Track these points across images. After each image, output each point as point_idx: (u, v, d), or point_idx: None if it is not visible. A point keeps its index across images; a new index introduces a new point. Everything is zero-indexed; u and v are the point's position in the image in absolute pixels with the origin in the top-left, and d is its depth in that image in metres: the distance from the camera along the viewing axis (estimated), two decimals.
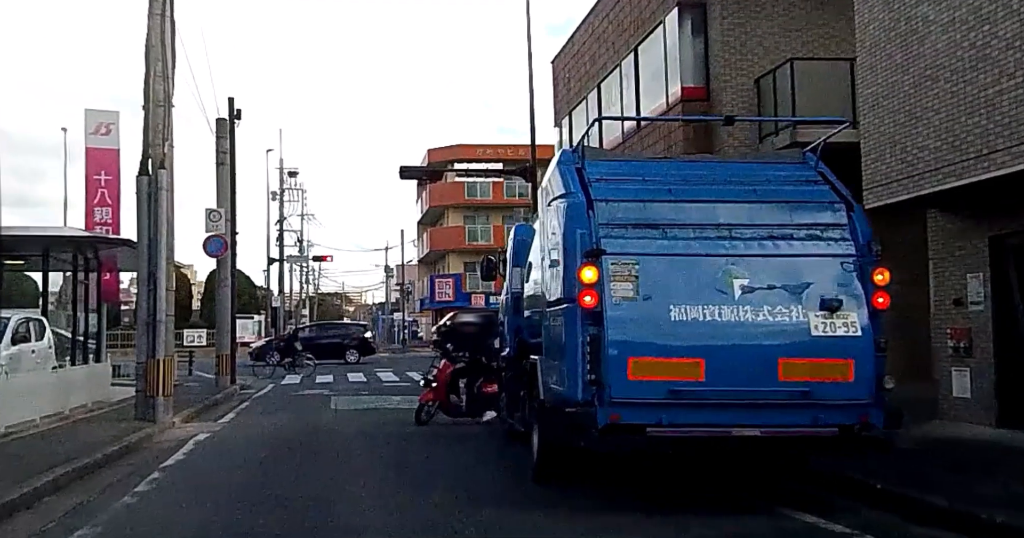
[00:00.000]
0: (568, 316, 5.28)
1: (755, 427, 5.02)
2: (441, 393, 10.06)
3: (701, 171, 5.92)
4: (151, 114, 10.80)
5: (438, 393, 10.07)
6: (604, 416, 5.00)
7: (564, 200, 5.54)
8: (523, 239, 8.30)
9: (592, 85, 18.33)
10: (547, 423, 5.83)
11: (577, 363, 5.12)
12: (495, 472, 7.12)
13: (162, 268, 10.63)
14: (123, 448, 8.15)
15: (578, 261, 5.21)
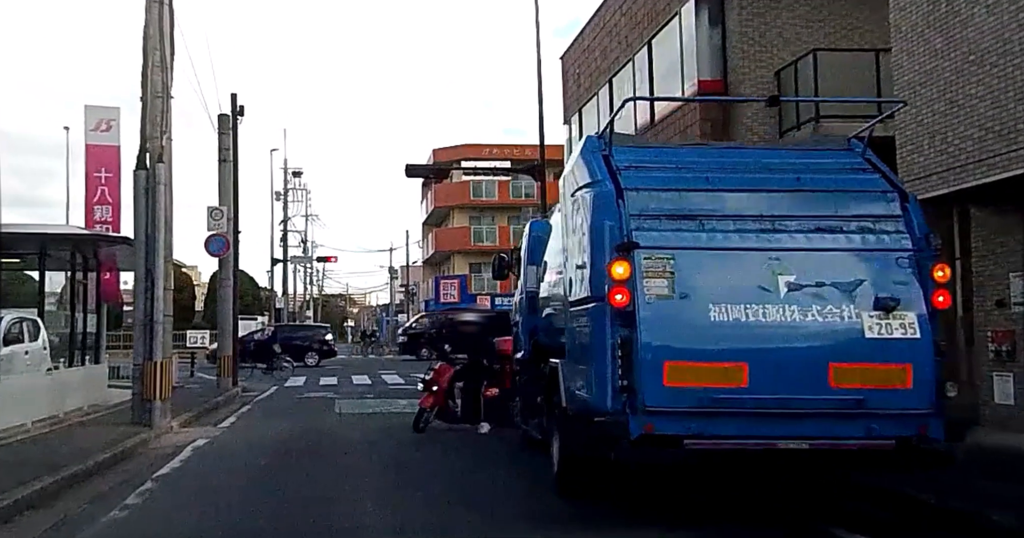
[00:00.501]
0: (595, 316, 4.82)
1: (803, 439, 4.56)
2: (442, 397, 9.47)
3: (739, 158, 5.44)
4: (149, 105, 10.38)
5: (439, 398, 9.45)
6: (637, 426, 4.55)
7: (590, 189, 5.08)
8: (539, 235, 7.85)
9: (603, 80, 17.87)
10: (570, 432, 5.37)
11: (606, 368, 4.66)
12: (511, 483, 6.65)
13: (160, 266, 10.20)
14: (116, 455, 7.71)
15: (607, 256, 4.75)
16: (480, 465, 7.53)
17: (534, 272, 7.76)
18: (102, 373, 12.42)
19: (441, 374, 9.46)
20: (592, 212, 4.97)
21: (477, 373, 9.43)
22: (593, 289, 4.88)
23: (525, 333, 7.83)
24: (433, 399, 9.42)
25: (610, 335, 4.67)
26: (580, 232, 5.15)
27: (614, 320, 4.68)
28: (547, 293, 6.98)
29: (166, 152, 10.40)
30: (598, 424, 4.67)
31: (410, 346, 30.84)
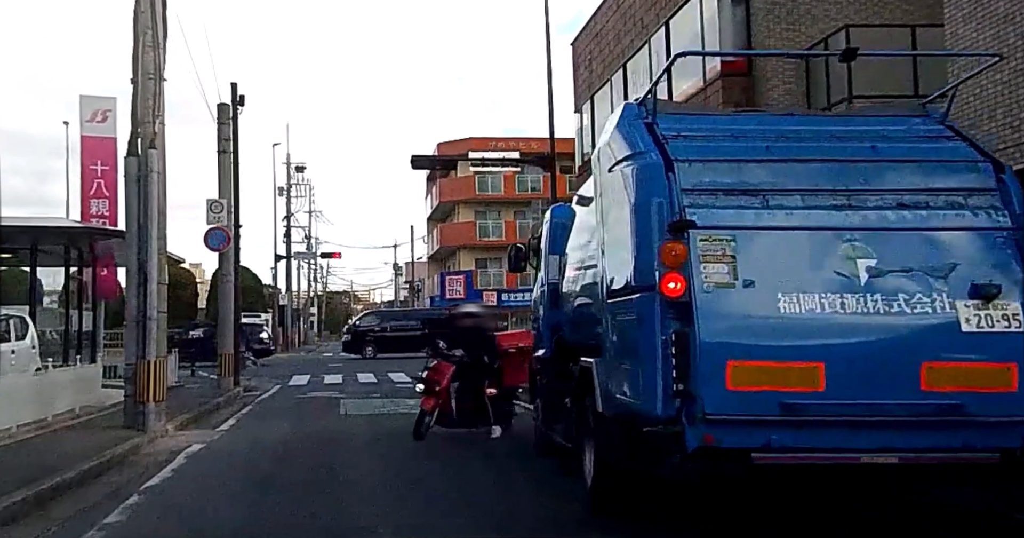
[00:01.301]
0: (643, 308, 4.14)
1: (890, 452, 3.88)
2: (445, 398, 8.57)
3: (802, 126, 4.72)
4: (140, 88, 9.73)
5: (441, 398, 8.56)
6: (695, 437, 3.88)
7: (633, 162, 4.39)
8: (560, 222, 7.17)
9: (617, 65, 17.17)
10: (608, 442, 4.70)
11: (656, 369, 3.99)
12: (534, 494, 5.99)
13: (153, 259, 9.56)
14: (103, 463, 7.08)
15: (656, 238, 4.08)
16: (505, 475, 6.87)
17: (556, 262, 7.09)
18: (95, 373, 11.79)
19: (441, 373, 8.61)
20: (637, 188, 4.28)
21: (477, 371, 8.64)
22: (639, 277, 4.20)
23: (547, 329, 7.17)
24: (434, 400, 8.54)
25: (661, 330, 4.00)
26: (621, 212, 4.46)
27: (666, 312, 4.01)
28: (573, 285, 6.31)
29: (159, 138, 9.75)
30: (647, 434, 4.00)
31: (354, 344, 29.74)
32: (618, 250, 4.53)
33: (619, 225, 4.51)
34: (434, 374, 8.64)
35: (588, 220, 5.73)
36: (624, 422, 4.38)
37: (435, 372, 8.66)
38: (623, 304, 4.42)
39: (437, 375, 8.61)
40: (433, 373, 8.67)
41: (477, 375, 8.60)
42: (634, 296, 4.25)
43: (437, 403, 8.53)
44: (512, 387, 9.19)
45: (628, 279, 4.33)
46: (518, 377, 9.07)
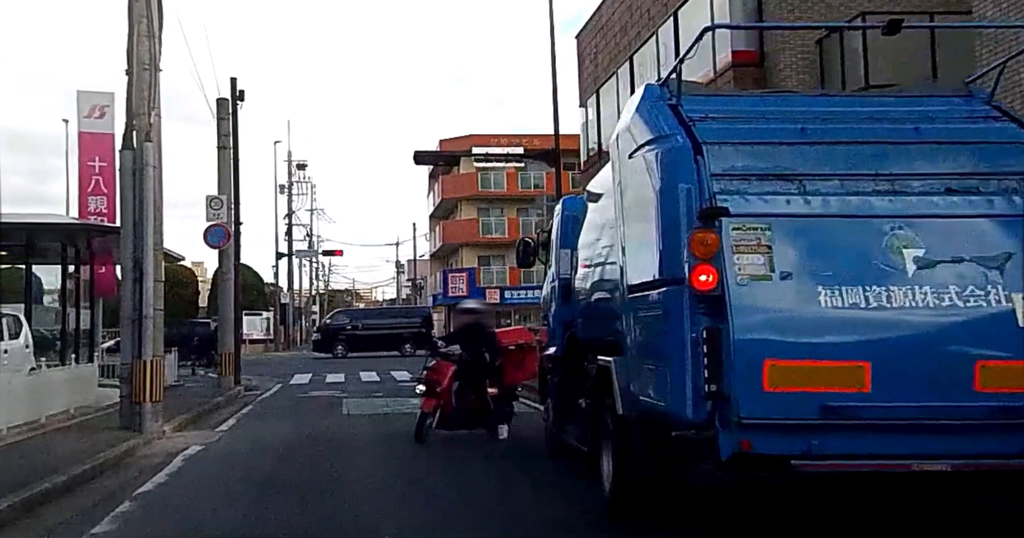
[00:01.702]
0: (670, 303, 3.84)
1: (942, 459, 3.57)
2: (448, 398, 8.16)
3: (836, 107, 4.40)
4: (135, 78, 9.43)
5: (443, 399, 8.14)
6: (730, 443, 3.58)
7: (658, 146, 4.07)
8: (572, 215, 6.87)
9: (623, 58, 16.85)
10: (630, 446, 4.39)
11: (685, 368, 3.68)
12: (549, 499, 5.68)
13: (149, 255, 9.26)
14: (95, 467, 6.78)
15: (685, 226, 3.77)
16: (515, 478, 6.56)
17: (568, 256, 6.79)
18: (91, 372, 11.49)
19: (441, 373, 8.21)
20: (662, 173, 3.97)
21: (478, 370, 8.24)
22: (666, 269, 3.89)
23: (558, 326, 6.87)
24: (435, 402, 8.13)
25: (690, 327, 3.69)
26: (644, 200, 4.15)
27: (696, 307, 3.70)
28: (588, 279, 6.00)
29: (155, 130, 9.45)
30: (675, 439, 3.69)
31: (324, 343, 29.28)
32: (641, 241, 4.22)
33: (642, 214, 4.20)
34: (434, 374, 8.27)
35: (604, 211, 5.42)
36: (648, 425, 4.08)
37: (435, 372, 8.30)
38: (647, 299, 4.11)
39: (437, 375, 8.24)
40: (433, 373, 8.30)
41: (478, 374, 8.24)
42: (660, 290, 3.94)
43: (438, 404, 8.14)
44: (512, 385, 8.88)
45: (653, 272, 4.02)
46: (518, 375, 8.76)
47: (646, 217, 4.10)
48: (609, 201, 5.07)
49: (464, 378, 8.21)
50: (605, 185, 5.43)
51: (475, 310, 9.27)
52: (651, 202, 4.02)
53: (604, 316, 5.25)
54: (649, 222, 4.06)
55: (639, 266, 4.26)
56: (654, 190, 4.00)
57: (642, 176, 4.18)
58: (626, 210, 4.51)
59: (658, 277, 3.97)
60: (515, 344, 8.75)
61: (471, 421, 8.31)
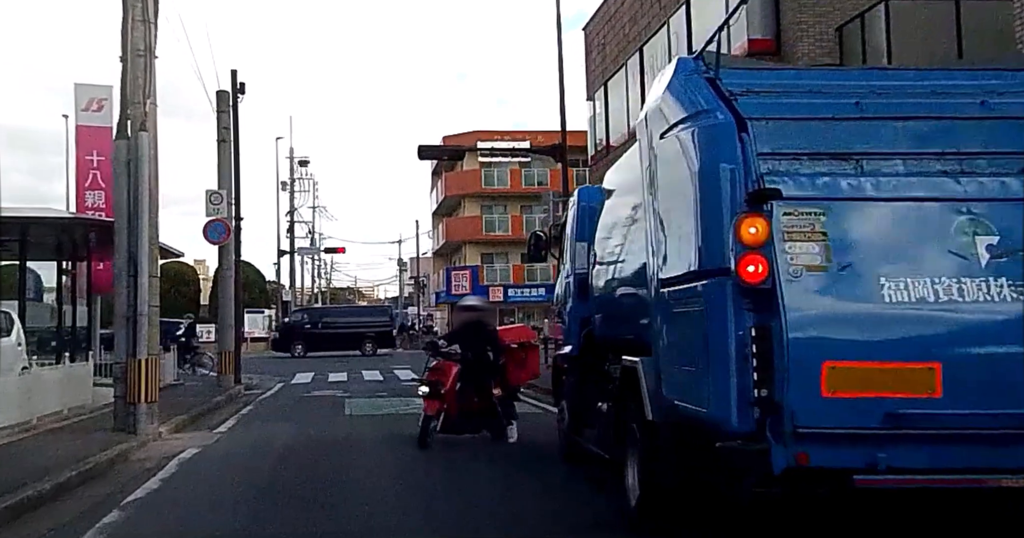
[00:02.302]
0: (711, 297, 3.45)
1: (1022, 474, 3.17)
2: (452, 400, 7.73)
3: (892, 81, 3.99)
4: (130, 65, 9.05)
5: (447, 401, 7.69)
6: (783, 456, 3.19)
7: (695, 123, 3.68)
8: (589, 205, 6.49)
9: (632, 49, 16.45)
10: (661, 456, 4.00)
11: (728, 371, 3.30)
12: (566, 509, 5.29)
13: (144, 250, 8.89)
14: (84, 472, 6.41)
15: (728, 211, 3.38)
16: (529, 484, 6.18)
17: (584, 250, 6.41)
18: (86, 372, 11.12)
19: (445, 373, 7.78)
20: (702, 153, 3.58)
21: (482, 370, 7.80)
22: (706, 259, 3.50)
23: (574, 324, 6.49)
24: (438, 404, 7.68)
25: (736, 324, 3.30)
26: (678, 184, 3.76)
27: (741, 302, 3.31)
28: (608, 273, 5.62)
29: (150, 119, 9.08)
30: (720, 451, 3.30)
31: (283, 342, 28.86)
32: (675, 230, 3.83)
33: (676, 199, 3.81)
34: (437, 375, 7.83)
35: (628, 199, 5.04)
36: (684, 434, 3.70)
37: (438, 372, 7.86)
38: (683, 293, 3.72)
39: (441, 376, 7.79)
40: (436, 374, 7.86)
41: (482, 374, 7.81)
42: (699, 283, 3.55)
43: (442, 407, 7.70)
44: (516, 386, 8.49)
45: (690, 263, 3.63)
46: (521, 375, 8.37)
47: (682, 203, 3.71)
48: (635, 188, 4.69)
49: (467, 378, 7.81)
50: (629, 171, 5.04)
51: (476, 307, 8.81)
52: (688, 186, 3.63)
53: (628, 313, 4.87)
54: (685, 208, 3.67)
55: (673, 257, 3.87)
56: (691, 172, 3.61)
57: (677, 158, 3.79)
58: (657, 196, 4.12)
59: (697, 269, 3.58)
60: (517, 342, 8.36)
61: (475, 424, 7.92)
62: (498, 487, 6.00)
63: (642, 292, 4.46)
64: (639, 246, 4.59)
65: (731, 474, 3.36)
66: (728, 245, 3.35)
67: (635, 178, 4.71)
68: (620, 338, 5.03)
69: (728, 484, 3.45)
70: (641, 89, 15.87)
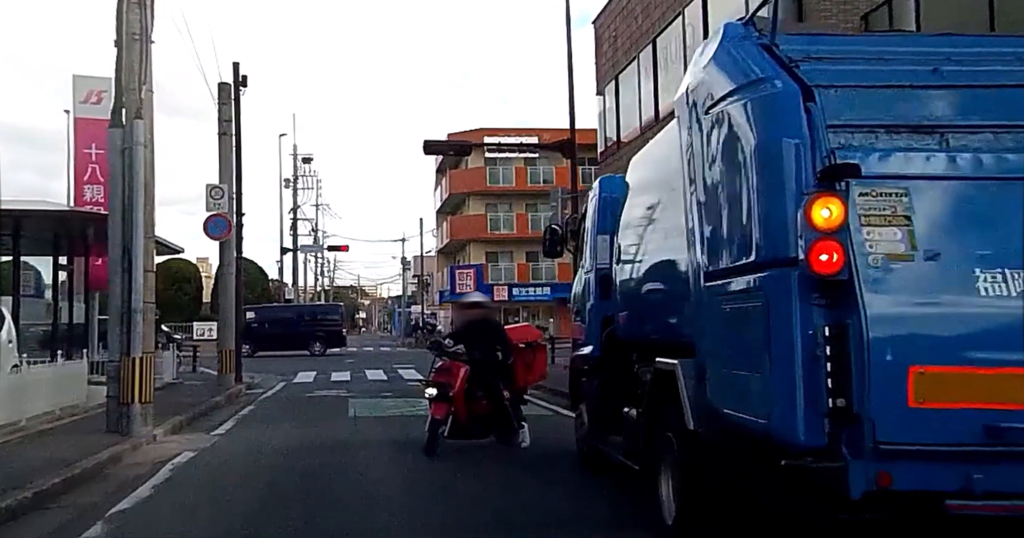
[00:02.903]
0: (773, 290, 3.01)
1: None
2: (461, 404, 7.21)
3: (968, 47, 3.54)
4: (125, 51, 8.64)
5: (456, 405, 7.18)
6: (863, 476, 2.76)
7: (750, 93, 3.23)
8: (611, 196, 6.06)
9: (645, 42, 16.00)
10: (705, 471, 3.57)
11: (794, 376, 2.86)
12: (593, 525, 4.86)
13: (139, 242, 8.47)
14: (70, 479, 6.00)
15: (793, 191, 2.94)
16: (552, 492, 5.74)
17: (606, 244, 5.97)
18: (80, 370, 10.70)
19: (453, 374, 7.25)
20: (760, 126, 3.13)
21: (491, 371, 7.33)
22: (766, 248, 3.06)
23: (596, 323, 6.05)
24: (446, 407, 7.17)
25: (803, 322, 2.86)
26: (729, 164, 3.32)
27: (810, 296, 2.87)
28: (636, 267, 5.18)
29: (146, 106, 8.66)
30: (785, 470, 2.85)
31: None
32: (724, 216, 3.39)
33: (725, 182, 3.37)
34: (444, 376, 7.30)
35: (660, 185, 4.60)
36: (734, 447, 3.25)
37: (445, 373, 7.33)
38: (735, 286, 3.28)
39: (448, 377, 7.24)
40: (443, 375, 7.34)
41: (490, 375, 7.34)
42: (757, 276, 3.10)
43: (450, 410, 7.18)
44: (524, 388, 8.04)
45: (745, 253, 3.19)
46: (529, 377, 7.90)
47: (733, 186, 3.28)
48: (669, 173, 4.25)
49: (476, 380, 7.32)
50: (661, 156, 4.61)
51: (481, 304, 8.28)
52: (742, 164, 3.19)
53: (661, 310, 4.44)
54: (738, 191, 3.23)
55: (721, 248, 3.43)
56: (747, 148, 3.17)
57: (727, 134, 3.35)
58: (699, 180, 3.68)
59: (754, 259, 3.13)
60: (524, 342, 7.89)
61: (485, 428, 7.46)
62: (518, 499, 5.56)
63: (679, 287, 4.02)
64: (675, 237, 4.16)
65: (797, 496, 2.92)
66: (794, 231, 2.91)
67: (669, 162, 4.28)
68: (649, 338, 4.59)
69: (793, 507, 3.01)
70: (654, 82, 15.43)
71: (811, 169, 2.95)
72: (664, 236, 4.47)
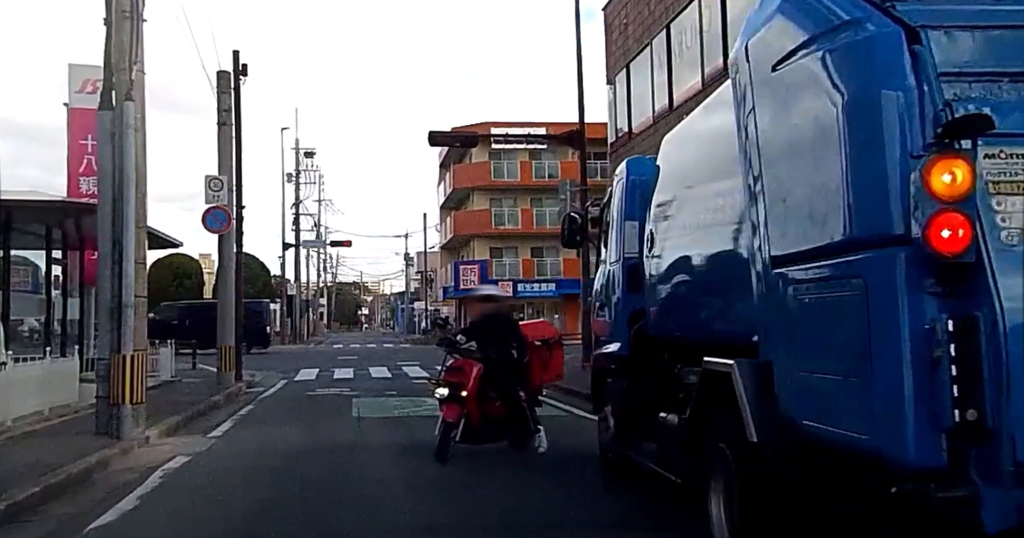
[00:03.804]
0: (875, 276, 2.47)
1: None
2: (474, 406, 6.69)
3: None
4: (115, 29, 8.13)
5: (468, 406, 6.64)
6: (1000, 507, 2.24)
7: (835, 40, 2.68)
8: (640, 179, 5.55)
9: (658, 27, 15.44)
10: (773, 490, 3.06)
11: (903, 381, 2.34)
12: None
13: (130, 232, 7.97)
14: (51, 487, 5.51)
15: (900, 155, 2.42)
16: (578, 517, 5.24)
17: (635, 231, 5.46)
18: (71, 368, 10.21)
19: (466, 373, 6.74)
20: (852, 77, 2.60)
21: (506, 370, 6.80)
22: (862, 224, 2.53)
23: (623, 318, 5.54)
24: (458, 409, 6.62)
25: (915, 313, 2.34)
26: (809, 125, 2.80)
27: (923, 282, 2.36)
28: (671, 256, 4.67)
29: (137, 87, 8.15)
30: (896, 497, 2.33)
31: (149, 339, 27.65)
32: (803, 188, 2.86)
33: (802, 148, 2.85)
34: (457, 375, 6.77)
35: (706, 161, 4.09)
36: (816, 465, 2.74)
37: (457, 373, 6.80)
38: (818, 273, 2.75)
39: (461, 376, 6.73)
40: (455, 374, 6.80)
41: (506, 374, 6.81)
42: (850, 258, 2.57)
43: (463, 412, 6.64)
44: (539, 389, 7.52)
45: (833, 231, 2.67)
46: (544, 376, 7.36)
47: (815, 150, 2.75)
48: (719, 145, 3.74)
49: (490, 379, 6.80)
50: (707, 128, 4.09)
51: (494, 297, 7.68)
52: (828, 127, 2.67)
53: (708, 302, 3.94)
54: (820, 157, 2.71)
55: (797, 226, 2.90)
56: (833, 107, 2.64)
57: (806, 91, 2.83)
58: (763, 149, 3.16)
59: (845, 238, 2.61)
60: (541, 339, 7.35)
61: (499, 432, 6.95)
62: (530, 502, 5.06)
63: (732, 276, 3.51)
64: (728, 217, 3.65)
65: (910, 530, 2.39)
66: (901, 203, 2.38)
67: (717, 136, 3.76)
68: (690, 335, 4.08)
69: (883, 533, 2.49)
70: (668, 70, 14.89)
71: (920, 127, 2.42)
72: (710, 219, 3.96)
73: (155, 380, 13.89)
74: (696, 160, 4.34)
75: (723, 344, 3.62)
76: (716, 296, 3.90)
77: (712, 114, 4.09)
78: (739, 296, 3.45)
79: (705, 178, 4.12)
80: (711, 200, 3.96)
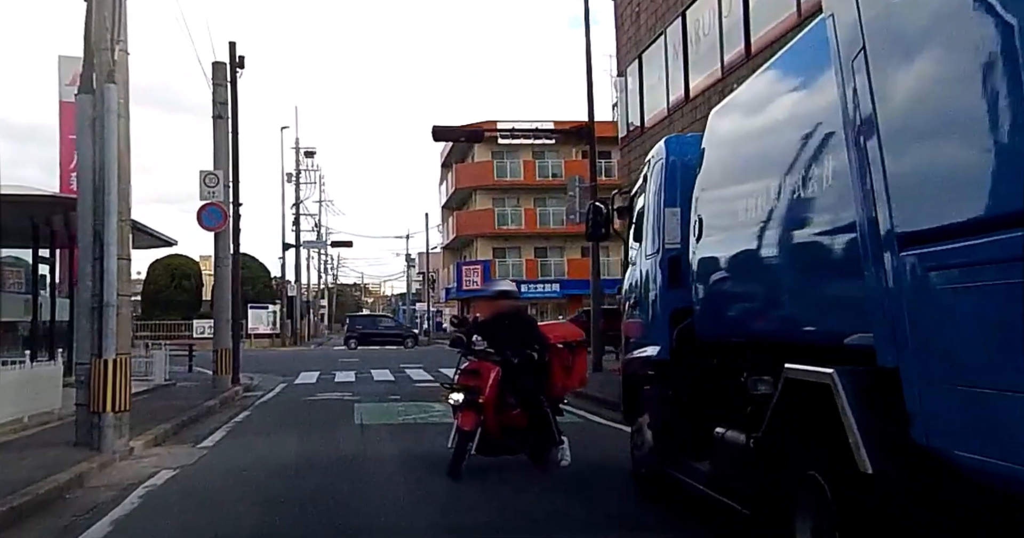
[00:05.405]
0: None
1: None
2: (491, 413, 6.04)
3: None
4: (96, 5, 7.48)
5: (486, 413, 5.99)
6: None
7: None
8: (682, 160, 4.90)
9: (673, 15, 14.78)
10: (889, 534, 2.40)
11: None
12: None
13: (112, 226, 7.31)
14: (15, 509, 4.85)
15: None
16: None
17: (676, 218, 4.80)
18: (54, 373, 9.55)
19: (483, 377, 6.09)
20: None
21: (527, 373, 6.15)
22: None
23: (663, 318, 4.88)
24: (475, 417, 5.96)
25: None
26: (959, 63, 2.13)
27: None
28: (731, 244, 4.01)
29: (119, 68, 7.50)
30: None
31: None
32: (947, 145, 2.19)
33: (949, 92, 2.18)
34: (472, 379, 6.11)
35: (779, 126, 3.43)
36: (975, 505, 2.09)
37: (474, 376, 6.12)
38: (973, 255, 2.09)
39: (477, 381, 6.07)
40: (470, 378, 6.13)
41: (526, 378, 6.17)
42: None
43: (479, 420, 5.97)
44: (561, 395, 6.84)
45: (997, 200, 2.01)
46: (568, 382, 6.65)
47: (964, 97, 2.09)
48: (801, 103, 3.09)
49: (510, 385, 6.14)
50: (780, 89, 3.44)
51: (509, 294, 6.91)
52: (989, 63, 2.00)
53: (787, 295, 3.28)
54: (978, 106, 2.04)
55: (937, 195, 2.24)
56: (997, 33, 1.98)
57: (943, 20, 2.17)
58: (891, 95, 2.47)
59: (1019, 208, 1.94)
60: (564, 342, 6.66)
61: (519, 442, 6.29)
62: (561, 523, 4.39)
63: (825, 261, 2.87)
64: (815, 192, 2.99)
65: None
66: None
67: (797, 92, 3.10)
68: (757, 336, 3.43)
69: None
70: (684, 59, 14.22)
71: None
72: (788, 197, 3.30)
73: (148, 384, 13.27)
74: (763, 129, 3.69)
75: (808, 346, 2.97)
76: (793, 289, 3.26)
77: (785, 72, 3.44)
78: (837, 286, 2.80)
79: (777, 150, 3.46)
80: (789, 174, 3.30)
